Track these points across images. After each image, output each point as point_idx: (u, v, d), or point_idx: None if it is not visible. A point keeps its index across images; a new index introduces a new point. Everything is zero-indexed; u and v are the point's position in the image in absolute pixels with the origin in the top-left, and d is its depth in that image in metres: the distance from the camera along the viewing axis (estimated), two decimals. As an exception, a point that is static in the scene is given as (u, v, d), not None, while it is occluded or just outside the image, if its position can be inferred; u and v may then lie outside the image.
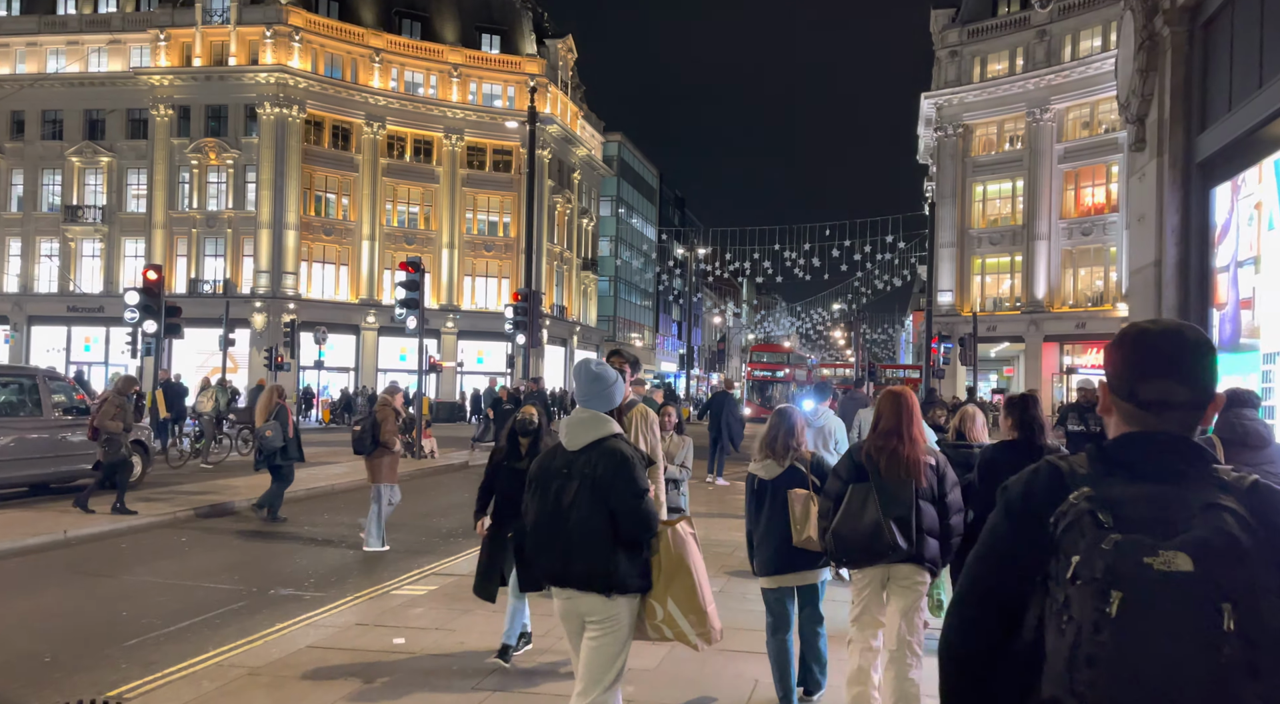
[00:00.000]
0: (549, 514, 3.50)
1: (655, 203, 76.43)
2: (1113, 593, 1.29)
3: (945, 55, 43.43)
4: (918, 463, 4.12)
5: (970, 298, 42.62)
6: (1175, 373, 1.48)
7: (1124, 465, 1.45)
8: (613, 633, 3.45)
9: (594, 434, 3.52)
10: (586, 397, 3.61)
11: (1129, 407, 1.52)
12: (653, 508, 3.51)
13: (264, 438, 11.03)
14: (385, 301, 45.60)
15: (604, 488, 3.41)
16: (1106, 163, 38.49)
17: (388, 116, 45.23)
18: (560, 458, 3.58)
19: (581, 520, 3.41)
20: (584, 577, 3.42)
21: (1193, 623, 1.25)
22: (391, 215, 46.37)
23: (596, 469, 3.44)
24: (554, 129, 49.29)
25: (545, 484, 3.55)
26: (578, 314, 55.59)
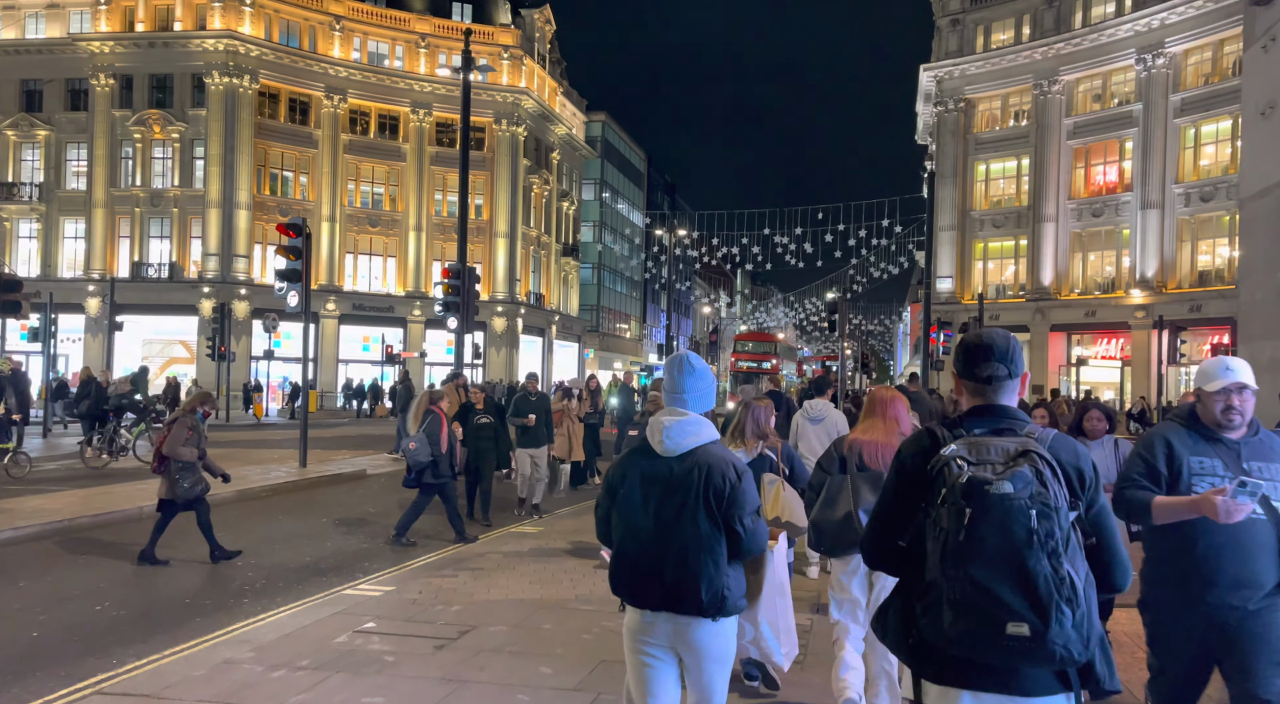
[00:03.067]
0: (648, 529, 3.10)
1: (642, 187, 73.44)
2: (967, 509, 2.10)
3: (946, 24, 40.49)
4: (892, 450, 3.88)
5: (971, 285, 39.76)
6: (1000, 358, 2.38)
7: (974, 427, 2.33)
8: (722, 660, 3.15)
9: (697, 438, 3.12)
10: (683, 394, 3.19)
11: (972, 384, 2.42)
12: (765, 524, 3.23)
13: (408, 451, 9.22)
14: (348, 288, 42.85)
15: (719, 499, 3.05)
16: (1120, 138, 35.60)
17: (349, 89, 42.31)
18: (653, 464, 3.15)
19: (693, 536, 3.04)
20: (693, 600, 3.03)
21: (1014, 521, 2.07)
22: (354, 195, 43.49)
23: (708, 478, 3.06)
24: (529, 104, 46.37)
25: (641, 494, 3.13)
26: (557, 302, 52.74)
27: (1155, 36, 33.78)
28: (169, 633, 6.09)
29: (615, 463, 3.35)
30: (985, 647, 2.07)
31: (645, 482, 3.13)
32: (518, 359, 46.24)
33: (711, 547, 3.04)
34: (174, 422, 8.45)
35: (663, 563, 3.04)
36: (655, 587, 3.06)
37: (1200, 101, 32.98)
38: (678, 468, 3.10)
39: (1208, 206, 32.68)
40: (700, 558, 3.02)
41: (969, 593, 2.06)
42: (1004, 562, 2.05)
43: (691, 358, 3.26)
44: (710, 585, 3.01)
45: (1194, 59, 33.63)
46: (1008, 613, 2.03)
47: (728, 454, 3.16)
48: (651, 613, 3.09)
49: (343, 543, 9.62)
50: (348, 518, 11.21)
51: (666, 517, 3.06)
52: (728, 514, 3.04)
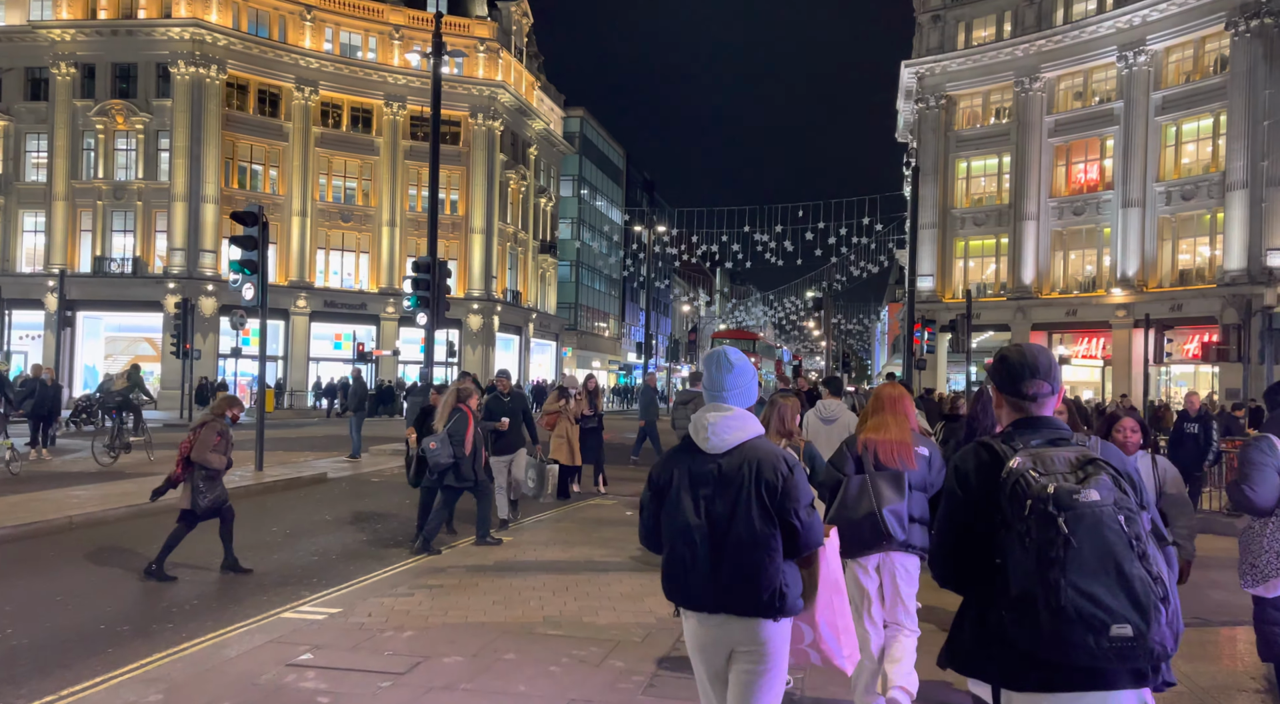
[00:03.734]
0: (701, 529, 3.01)
1: (621, 185, 72.68)
2: (1059, 518, 2.13)
3: (927, 20, 40.13)
4: (906, 447, 4.25)
5: (953, 283, 39.47)
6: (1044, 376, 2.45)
7: (1029, 439, 2.37)
8: (778, 663, 3.06)
9: (743, 433, 3.08)
10: (724, 391, 3.15)
11: (1014, 400, 2.47)
12: (820, 517, 3.13)
13: (428, 450, 8.51)
14: (319, 284, 41.88)
15: (773, 493, 2.98)
16: (1101, 136, 35.37)
17: (321, 81, 41.32)
18: (700, 462, 3.08)
19: (748, 534, 2.96)
20: (750, 599, 2.96)
21: (1106, 527, 2.13)
22: (326, 190, 42.51)
23: (759, 472, 2.99)
24: (506, 98, 45.55)
25: (690, 494, 3.06)
26: (534, 300, 51.94)
27: (1137, 34, 33.57)
28: (71, 668, 5.34)
29: (658, 464, 3.26)
30: (1088, 650, 2.11)
31: (693, 481, 3.08)
32: (494, 358, 45.42)
33: (767, 542, 2.98)
34: (201, 425, 7.87)
35: (718, 563, 2.99)
36: (711, 588, 3.01)
37: (1181, 99, 32.79)
38: (726, 464, 3.05)
39: (1189, 205, 32.50)
40: (757, 555, 2.97)
41: (1072, 599, 2.10)
42: (1101, 567, 2.11)
43: (730, 354, 3.23)
44: (769, 583, 2.96)
45: (1175, 57, 33.45)
46: (1111, 616, 2.09)
47: (776, 448, 3.11)
48: (708, 615, 3.05)
49: (291, 555, 8.90)
50: (301, 526, 10.49)
51: (719, 515, 3.01)
52: (783, 508, 2.99)
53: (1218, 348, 17.85)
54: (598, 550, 8.75)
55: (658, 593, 6.88)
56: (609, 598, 6.91)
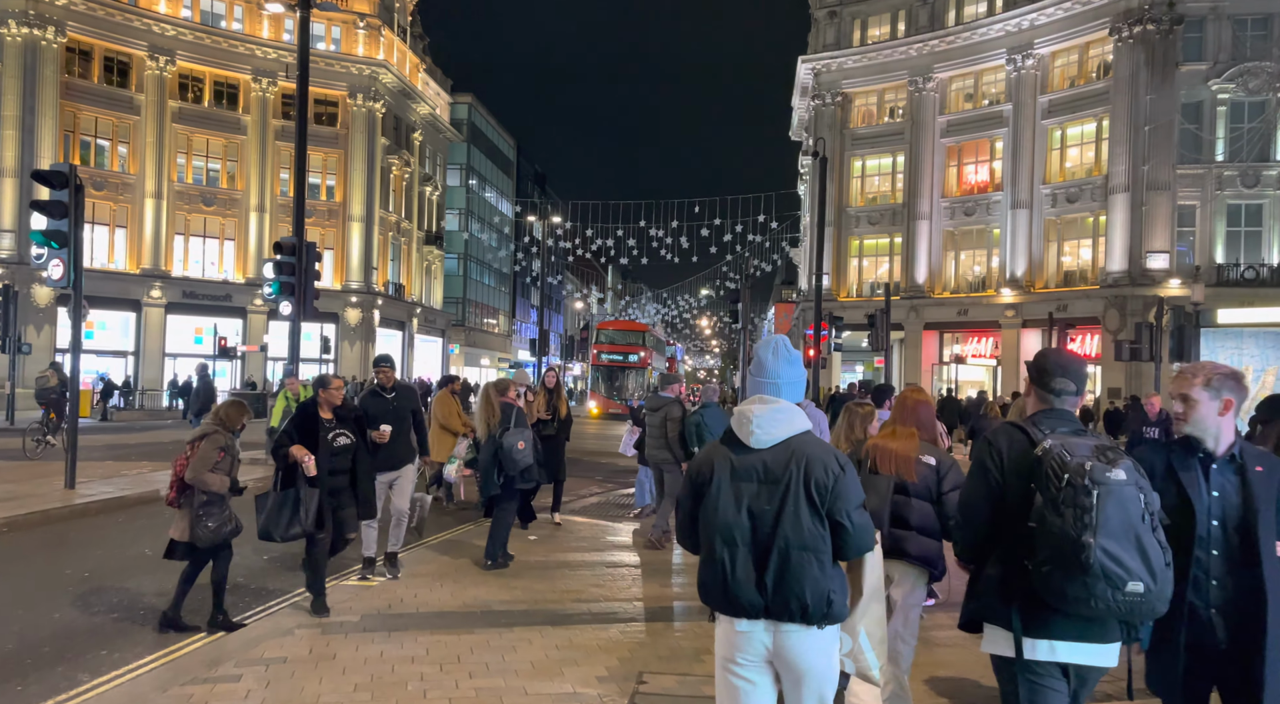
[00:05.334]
0: (743, 529, 2.87)
1: (512, 176, 70.37)
2: (1096, 490, 2.53)
3: (823, 16, 39.90)
4: (906, 459, 4.22)
5: (847, 282, 39.43)
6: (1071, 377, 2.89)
7: (1055, 427, 2.80)
8: (827, 675, 2.90)
9: (790, 427, 2.93)
10: (775, 380, 3.01)
11: (1043, 393, 2.91)
12: (870, 519, 2.99)
13: (516, 451, 7.80)
14: (177, 273, 38.20)
15: (823, 493, 2.85)
16: (991, 138, 35.85)
17: (179, 50, 37.62)
18: (743, 457, 2.93)
19: (795, 535, 2.83)
20: (797, 602, 2.81)
21: (1130, 502, 2.54)
22: (185, 170, 38.80)
23: (809, 470, 2.85)
24: (388, 78, 42.80)
25: (732, 491, 2.91)
26: (419, 294, 49.24)
27: (1025, 37, 34.10)
28: None
29: (698, 458, 3.07)
30: (1107, 601, 2.52)
31: (735, 477, 2.92)
32: (374, 354, 42.58)
33: (816, 545, 2.83)
34: (200, 439, 6.29)
35: (761, 565, 2.83)
36: (752, 592, 2.84)
37: (1067, 103, 33.48)
38: (771, 460, 2.89)
39: (1073, 208, 33.21)
40: (804, 557, 2.81)
41: (1100, 558, 2.49)
42: (1124, 534, 2.51)
43: (785, 343, 3.11)
44: (815, 588, 2.81)
45: (1061, 61, 34.14)
46: (1129, 574, 2.50)
47: (825, 444, 2.95)
48: (748, 622, 2.87)
49: (82, 611, 6.82)
50: (109, 565, 8.36)
51: (763, 514, 2.86)
52: (834, 508, 2.85)
53: (1130, 346, 17.76)
54: (497, 593, 7.10)
55: (578, 660, 5.31)
56: (516, 673, 5.25)
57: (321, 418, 6.30)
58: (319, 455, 6.12)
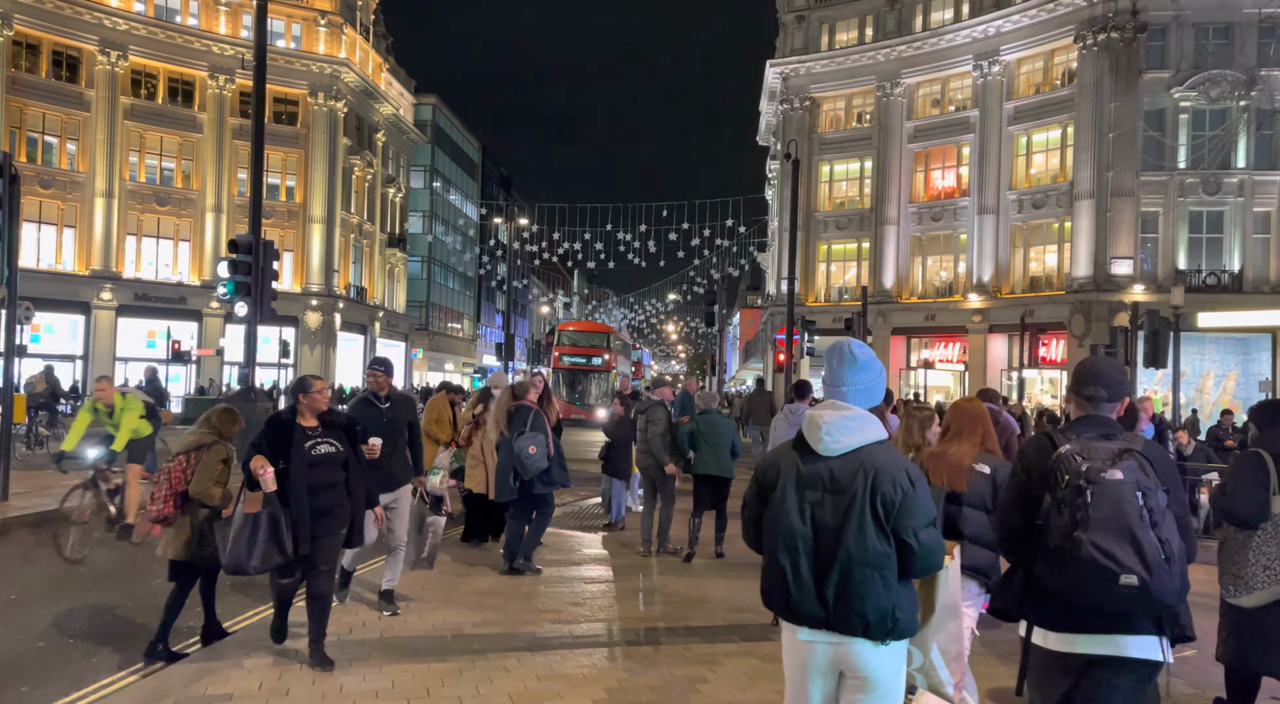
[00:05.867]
0: (805, 537, 2.82)
1: (477, 179, 69.52)
2: (1089, 488, 2.70)
3: (791, 20, 39.84)
4: (958, 469, 4.12)
5: (815, 287, 39.34)
6: (1102, 383, 2.99)
7: (1083, 432, 2.91)
8: (890, 692, 2.83)
9: (862, 436, 2.84)
10: (843, 386, 2.91)
11: (1078, 399, 3.02)
12: (941, 537, 2.88)
13: (528, 457, 7.59)
14: (129, 275, 36.98)
15: (889, 508, 2.76)
16: (957, 144, 35.98)
17: (131, 45, 36.46)
18: (810, 463, 2.87)
19: (858, 548, 2.75)
20: (859, 619, 2.76)
21: (1125, 499, 2.67)
22: (138, 169, 37.60)
23: (876, 483, 2.77)
24: (350, 77, 41.92)
25: (796, 497, 2.86)
26: (381, 297, 48.30)
27: (991, 44, 34.29)
28: None
29: (765, 460, 3.04)
30: (1104, 594, 2.64)
31: (800, 483, 2.86)
32: (334, 359, 41.69)
33: (879, 561, 2.75)
34: (195, 449, 5.82)
35: (822, 576, 2.78)
36: (813, 603, 2.79)
37: (1032, 110, 33.70)
38: (839, 469, 2.82)
39: (1039, 214, 33.41)
40: (866, 573, 2.74)
41: (1090, 552, 2.62)
42: (1116, 529, 2.63)
43: (854, 346, 3.00)
44: (878, 605, 2.74)
45: (1026, 68, 34.38)
46: (1121, 567, 2.61)
47: (899, 457, 2.85)
48: (810, 631, 2.83)
49: (2, 638, 6.22)
50: (37, 586, 7.71)
51: (826, 524, 2.80)
52: (900, 525, 2.76)
53: (1106, 351, 17.74)
54: (469, 615, 6.58)
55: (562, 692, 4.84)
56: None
57: (301, 426, 5.29)
58: (293, 468, 5.16)
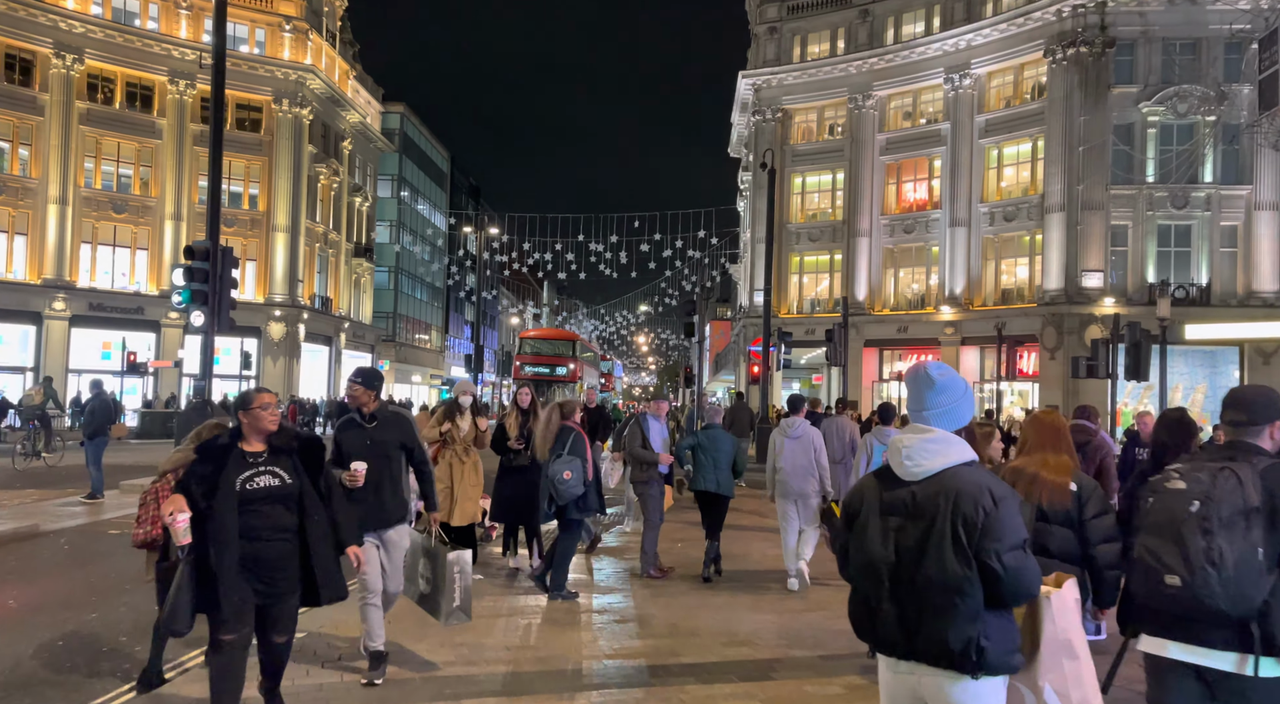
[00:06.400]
0: (887, 563, 2.74)
1: (445, 188, 68.73)
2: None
3: (764, 31, 39.78)
4: (1062, 489, 3.96)
5: (788, 298, 39.16)
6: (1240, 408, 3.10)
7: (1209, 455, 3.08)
8: None
9: (945, 458, 2.74)
10: (925, 411, 2.84)
11: (1223, 425, 3.17)
12: (1034, 563, 2.68)
13: (561, 482, 7.31)
14: (83, 284, 35.82)
15: (970, 529, 2.62)
16: (929, 156, 36.06)
17: (88, 48, 35.45)
18: (893, 489, 2.80)
19: (938, 574, 2.63)
20: (940, 647, 2.64)
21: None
22: (94, 175, 36.51)
23: (957, 504, 2.65)
24: (316, 84, 41.13)
25: (879, 523, 2.79)
26: (347, 308, 47.35)
27: (962, 57, 34.43)
28: None
29: (854, 488, 3.03)
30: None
31: (884, 509, 2.80)
32: (298, 371, 40.69)
33: (960, 586, 2.61)
34: None
35: (904, 603, 2.71)
36: (896, 630, 2.72)
37: (1003, 123, 33.86)
38: (920, 493, 2.74)
39: (1010, 226, 33.52)
40: (947, 599, 2.62)
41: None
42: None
43: (933, 370, 2.90)
44: (960, 633, 2.60)
45: (997, 82, 34.57)
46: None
47: (984, 478, 2.72)
48: (898, 661, 2.77)
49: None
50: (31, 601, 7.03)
51: (908, 549, 2.72)
52: (981, 547, 2.61)
53: (1087, 363, 17.58)
54: (438, 651, 6.03)
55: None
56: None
57: (243, 451, 4.14)
58: (216, 506, 3.97)
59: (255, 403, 4.23)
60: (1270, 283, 29.59)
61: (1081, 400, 29.44)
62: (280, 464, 4.18)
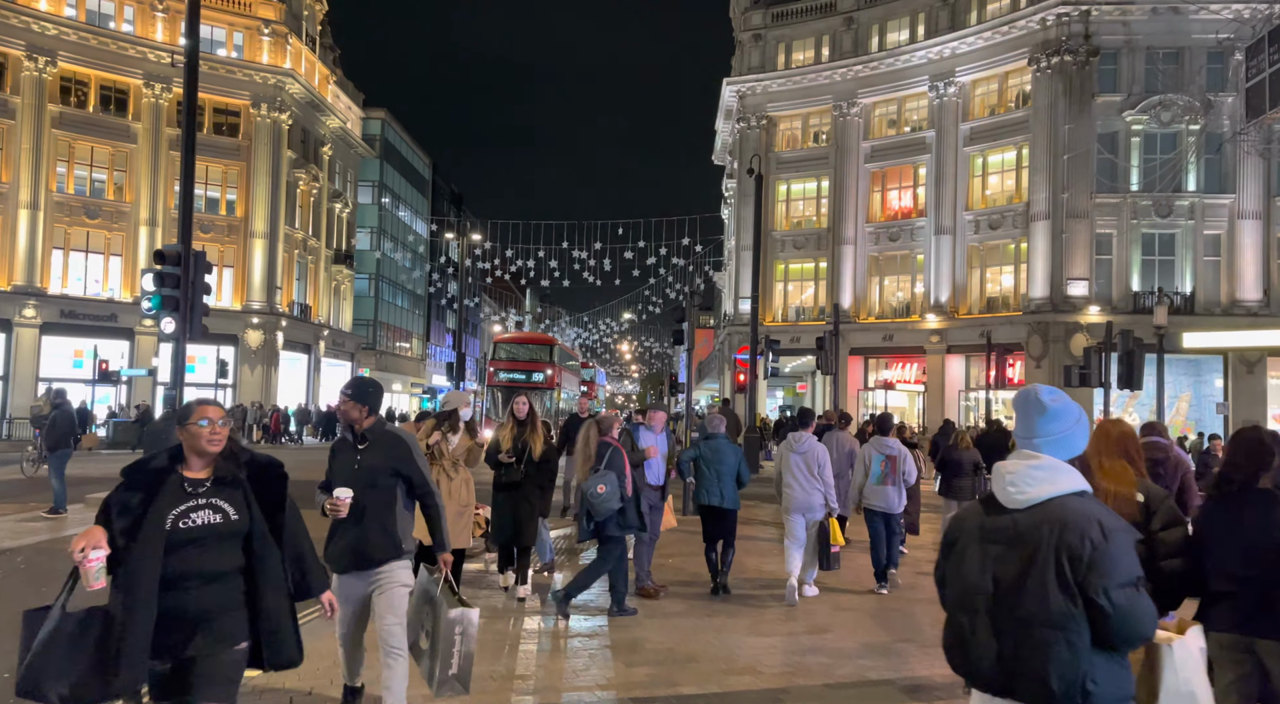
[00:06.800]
0: (984, 593, 2.57)
1: (427, 195, 68.16)
2: None
3: (748, 39, 39.66)
4: (1128, 501, 3.72)
5: (773, 306, 38.93)
6: None
7: None
8: None
9: (1053, 486, 2.54)
10: (1034, 438, 2.64)
11: None
12: (1148, 603, 2.48)
13: (596, 496, 7.16)
14: (54, 291, 35.01)
15: (1075, 562, 2.44)
16: (914, 164, 36.00)
17: (61, 51, 34.73)
18: (996, 516, 2.63)
19: (1040, 608, 2.45)
20: (1040, 687, 2.45)
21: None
22: (66, 180, 35.73)
23: (1062, 535, 2.46)
24: (295, 89, 40.55)
25: (978, 552, 2.62)
26: (327, 315, 46.66)
27: (947, 65, 34.43)
28: None
29: (956, 514, 2.90)
30: None
31: (984, 537, 2.64)
32: (276, 379, 39.96)
33: (1064, 623, 2.44)
34: None
35: (1001, 636, 2.53)
36: (993, 665, 2.54)
37: (988, 131, 33.86)
38: (1024, 522, 2.56)
39: (995, 234, 33.48)
40: (1049, 636, 2.44)
41: None
42: None
43: (1044, 394, 2.68)
44: (1063, 674, 2.42)
45: (981, 90, 34.58)
46: None
47: (1095, 509, 2.52)
48: (993, 698, 2.60)
49: None
50: None
51: (1007, 580, 2.54)
52: (1087, 582, 2.42)
53: (1080, 371, 17.43)
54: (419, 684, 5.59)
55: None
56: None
57: (182, 477, 3.22)
58: (135, 547, 3.06)
59: (193, 417, 3.24)
60: (1254, 292, 29.67)
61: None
62: (226, 496, 3.26)
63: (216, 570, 3.18)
